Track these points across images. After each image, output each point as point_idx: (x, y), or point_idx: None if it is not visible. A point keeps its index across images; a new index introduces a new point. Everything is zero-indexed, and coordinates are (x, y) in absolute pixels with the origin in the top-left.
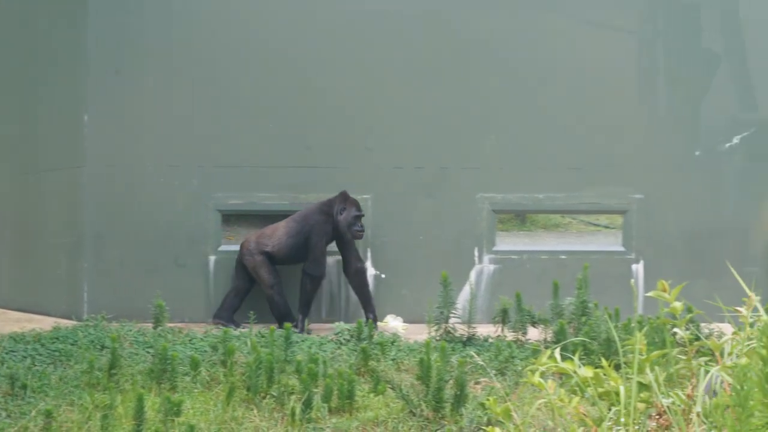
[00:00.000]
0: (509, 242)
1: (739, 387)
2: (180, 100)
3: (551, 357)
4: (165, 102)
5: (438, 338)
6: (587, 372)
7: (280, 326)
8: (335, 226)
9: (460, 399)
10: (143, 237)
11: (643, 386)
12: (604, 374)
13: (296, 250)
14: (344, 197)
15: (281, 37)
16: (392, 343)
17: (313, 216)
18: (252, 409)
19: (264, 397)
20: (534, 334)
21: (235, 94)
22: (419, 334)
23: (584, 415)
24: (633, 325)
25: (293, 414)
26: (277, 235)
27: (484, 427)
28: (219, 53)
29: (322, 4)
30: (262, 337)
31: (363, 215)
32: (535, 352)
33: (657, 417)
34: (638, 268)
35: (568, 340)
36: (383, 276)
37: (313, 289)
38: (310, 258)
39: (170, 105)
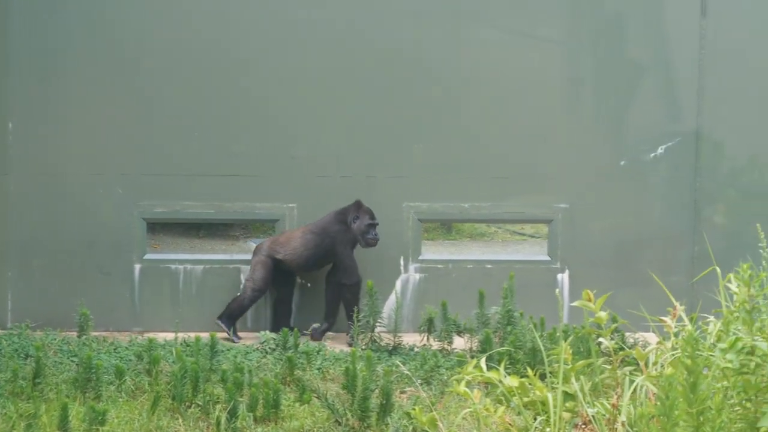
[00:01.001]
0: (435, 251)
1: (664, 396)
2: (105, 107)
3: (477, 366)
4: (90, 109)
5: (364, 347)
6: (513, 381)
7: (221, 318)
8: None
9: (385, 408)
10: (68, 245)
11: (568, 396)
12: (530, 384)
13: (314, 261)
14: (358, 206)
15: (206, 46)
16: (318, 352)
17: (333, 227)
18: (177, 419)
19: (189, 407)
20: (460, 343)
21: (161, 101)
22: (345, 343)
23: (510, 424)
24: (558, 334)
25: (218, 423)
26: (291, 245)
27: None
28: (144, 61)
29: (249, 13)
30: (188, 345)
31: (377, 224)
32: (461, 362)
33: (582, 426)
34: (563, 277)
35: (493, 350)
36: (309, 285)
37: (353, 297)
38: (341, 268)
39: (95, 113)
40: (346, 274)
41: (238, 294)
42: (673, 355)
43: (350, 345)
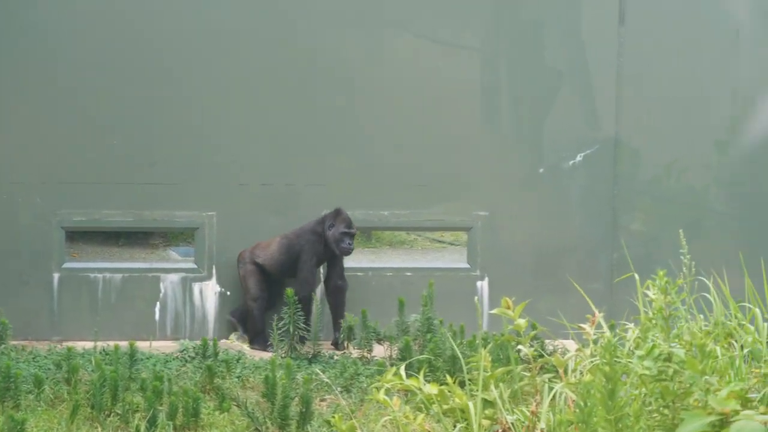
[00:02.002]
0: (355, 259)
1: (582, 403)
2: (23, 114)
3: (396, 374)
4: (7, 116)
5: (283, 355)
6: (432, 389)
7: (252, 343)
8: (326, 244)
9: (305, 416)
10: None
11: (488, 403)
12: (449, 391)
13: (287, 266)
14: (336, 213)
15: (125, 52)
16: (238, 360)
17: (306, 235)
18: (97, 428)
19: (108, 415)
20: (380, 351)
21: (80, 109)
22: (265, 351)
23: (429, 431)
24: (478, 342)
25: None
26: (270, 249)
27: None
28: (62, 67)
29: (171, 23)
30: (107, 354)
31: (354, 233)
32: (381, 369)
33: None
34: (483, 285)
35: (413, 358)
36: (228, 293)
37: (302, 309)
38: (299, 277)
39: (13, 119)
40: (300, 285)
41: (247, 313)
42: (591, 362)
43: (270, 352)
